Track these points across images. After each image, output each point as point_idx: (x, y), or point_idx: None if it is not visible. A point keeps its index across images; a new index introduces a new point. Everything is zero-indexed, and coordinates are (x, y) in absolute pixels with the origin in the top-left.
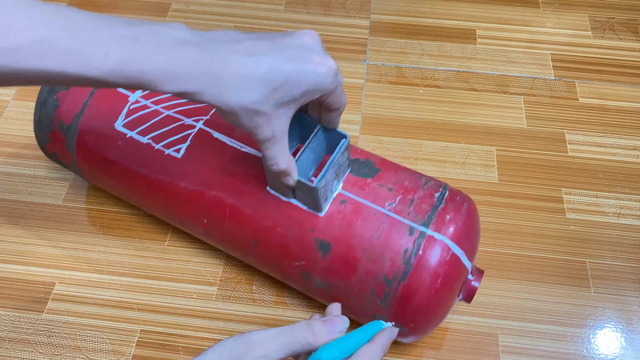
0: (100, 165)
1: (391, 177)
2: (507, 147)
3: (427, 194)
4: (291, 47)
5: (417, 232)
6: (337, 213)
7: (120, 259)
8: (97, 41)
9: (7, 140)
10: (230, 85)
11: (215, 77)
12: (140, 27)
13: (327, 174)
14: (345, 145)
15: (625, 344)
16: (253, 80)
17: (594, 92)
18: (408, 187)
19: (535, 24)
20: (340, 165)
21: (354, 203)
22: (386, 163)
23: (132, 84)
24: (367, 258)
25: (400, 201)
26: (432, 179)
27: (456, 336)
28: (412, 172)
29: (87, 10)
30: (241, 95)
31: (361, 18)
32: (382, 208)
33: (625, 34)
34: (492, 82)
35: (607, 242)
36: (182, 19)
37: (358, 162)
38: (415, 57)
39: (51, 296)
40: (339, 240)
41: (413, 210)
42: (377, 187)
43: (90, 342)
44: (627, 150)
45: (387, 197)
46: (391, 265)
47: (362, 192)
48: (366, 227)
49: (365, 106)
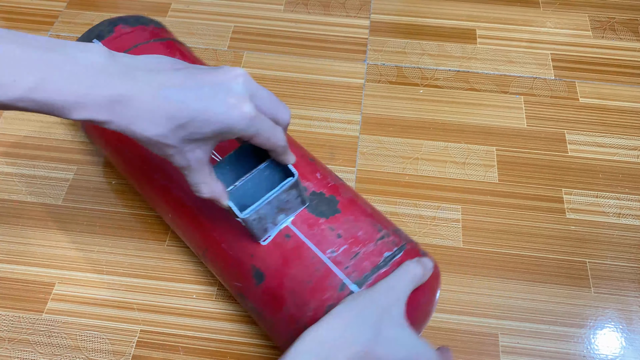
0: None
1: (347, 222)
2: (507, 147)
3: (376, 250)
4: (209, 84)
5: (346, 290)
6: (278, 246)
7: (120, 259)
8: (7, 67)
9: (7, 140)
10: (137, 118)
11: (124, 108)
12: (56, 52)
13: (262, 209)
14: (289, 185)
15: (625, 344)
16: (159, 114)
17: (594, 92)
18: (359, 237)
19: (536, 24)
20: (287, 201)
21: (297, 241)
22: (352, 204)
23: (42, 110)
24: (294, 301)
25: (343, 252)
26: (396, 235)
27: (456, 336)
28: (375, 222)
29: (87, 10)
30: (146, 128)
31: (361, 18)
32: (322, 254)
33: (625, 34)
34: (492, 82)
35: (607, 242)
36: (182, 19)
37: (321, 197)
38: (415, 57)
39: (51, 296)
40: (273, 274)
41: (352, 265)
42: (326, 230)
43: (90, 342)
44: (627, 150)
45: (333, 243)
46: (312, 317)
47: (309, 232)
48: (301, 269)
49: (365, 106)
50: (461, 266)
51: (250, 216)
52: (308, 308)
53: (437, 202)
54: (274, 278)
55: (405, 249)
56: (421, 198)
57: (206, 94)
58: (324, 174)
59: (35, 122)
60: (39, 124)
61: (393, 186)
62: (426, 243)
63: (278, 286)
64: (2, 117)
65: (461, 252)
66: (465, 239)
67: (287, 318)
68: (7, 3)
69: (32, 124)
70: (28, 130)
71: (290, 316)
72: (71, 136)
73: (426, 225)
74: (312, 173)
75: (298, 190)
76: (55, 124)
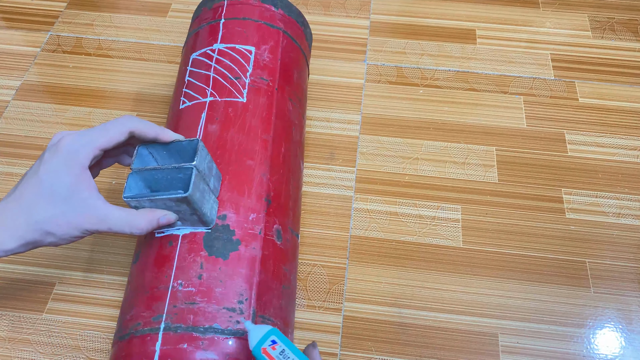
0: None
1: (221, 272)
2: (507, 147)
3: (216, 315)
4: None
5: (157, 324)
6: (156, 243)
7: (120, 259)
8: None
9: (7, 140)
10: None
11: None
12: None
13: (144, 202)
14: (177, 197)
15: (625, 344)
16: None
17: (594, 92)
18: (214, 292)
19: (535, 24)
20: (179, 211)
21: (169, 253)
22: (246, 262)
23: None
24: (128, 298)
25: (187, 293)
26: (255, 315)
27: (456, 336)
28: (246, 292)
29: (87, 10)
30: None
31: (361, 18)
32: (173, 279)
33: (625, 34)
34: (492, 82)
35: (607, 242)
36: (182, 19)
37: (228, 235)
38: (415, 57)
39: (51, 296)
40: (138, 266)
41: (180, 310)
42: (196, 264)
43: (90, 342)
44: (627, 150)
45: (189, 278)
46: (125, 321)
47: (183, 254)
48: (151, 276)
49: (365, 106)
50: (461, 266)
51: (129, 200)
52: (129, 312)
53: (437, 202)
54: (138, 267)
55: (236, 337)
56: (421, 198)
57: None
58: (262, 220)
59: (35, 122)
60: (39, 124)
61: (393, 186)
62: (426, 243)
63: (132, 275)
64: (2, 117)
65: (461, 252)
66: (465, 239)
67: (120, 311)
68: (7, 3)
69: (32, 124)
70: (28, 130)
71: (121, 310)
72: None
73: (426, 225)
74: (250, 210)
75: (192, 209)
76: (55, 124)
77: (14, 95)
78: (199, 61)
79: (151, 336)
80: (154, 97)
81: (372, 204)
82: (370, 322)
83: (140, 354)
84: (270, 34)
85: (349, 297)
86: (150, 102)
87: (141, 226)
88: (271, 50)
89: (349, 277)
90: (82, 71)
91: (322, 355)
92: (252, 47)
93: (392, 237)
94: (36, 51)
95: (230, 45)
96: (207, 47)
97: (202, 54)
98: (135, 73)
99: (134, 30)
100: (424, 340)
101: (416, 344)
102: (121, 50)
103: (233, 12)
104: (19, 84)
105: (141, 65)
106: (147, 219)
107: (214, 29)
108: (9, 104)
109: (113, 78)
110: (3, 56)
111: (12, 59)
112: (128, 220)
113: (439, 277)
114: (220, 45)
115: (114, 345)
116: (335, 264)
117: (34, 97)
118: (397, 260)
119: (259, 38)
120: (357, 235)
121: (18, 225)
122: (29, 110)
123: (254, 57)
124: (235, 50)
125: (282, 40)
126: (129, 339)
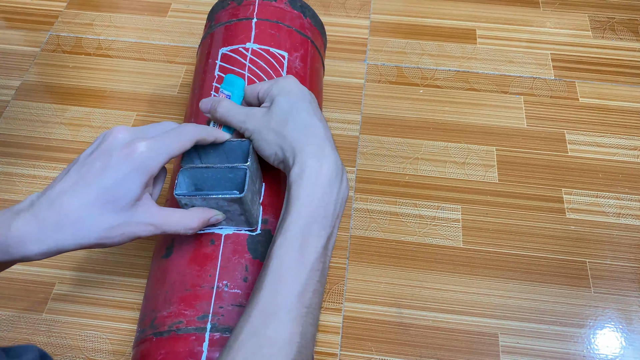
0: None
1: None
2: (507, 147)
3: None
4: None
5: (204, 326)
6: (196, 241)
7: (120, 259)
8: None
9: (7, 140)
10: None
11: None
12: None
13: (196, 200)
14: (230, 198)
15: (625, 344)
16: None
17: (594, 92)
18: None
19: (535, 24)
20: (228, 211)
21: (213, 252)
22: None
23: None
24: (164, 293)
25: (233, 295)
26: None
27: (456, 336)
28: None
29: (87, 10)
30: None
31: (361, 18)
32: (217, 280)
33: (625, 34)
34: (492, 82)
35: (607, 242)
36: (182, 19)
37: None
38: (415, 57)
39: (51, 296)
40: (174, 260)
41: (227, 312)
42: (241, 266)
43: (90, 342)
44: (627, 150)
45: (234, 280)
46: (162, 319)
47: (227, 254)
48: (193, 274)
49: (365, 106)
50: (461, 266)
51: (180, 198)
52: (166, 308)
53: (437, 202)
54: (173, 262)
55: None
56: (421, 198)
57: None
58: None
59: (35, 122)
60: (39, 124)
61: (393, 186)
62: (426, 243)
63: (165, 270)
64: (2, 117)
65: (461, 252)
66: (465, 239)
67: (149, 305)
68: (7, 3)
69: (32, 124)
70: (28, 130)
71: (152, 304)
72: (71, 136)
73: (426, 225)
74: None
75: (242, 210)
76: (55, 124)
77: (14, 95)
78: (231, 57)
79: (197, 336)
80: (154, 97)
81: (372, 204)
82: (370, 322)
83: (185, 353)
84: (301, 42)
85: (349, 297)
86: (151, 102)
87: (194, 226)
88: (302, 58)
89: (349, 277)
90: (82, 71)
91: (322, 355)
92: (285, 53)
93: (392, 237)
94: (36, 51)
95: (264, 47)
96: (239, 45)
97: (234, 50)
98: (135, 73)
99: (134, 30)
100: (424, 340)
101: (416, 344)
102: (121, 50)
103: (265, 14)
104: (18, 84)
105: (141, 65)
106: (200, 219)
107: (245, 27)
108: (9, 104)
109: (113, 78)
110: (3, 56)
111: (12, 59)
112: (181, 221)
113: (439, 277)
114: (254, 45)
115: (145, 339)
116: (335, 264)
117: (34, 97)
118: (397, 260)
119: (290, 44)
120: (357, 235)
121: (57, 238)
122: (29, 110)
123: (287, 63)
124: (270, 53)
125: (311, 50)
126: (170, 337)
